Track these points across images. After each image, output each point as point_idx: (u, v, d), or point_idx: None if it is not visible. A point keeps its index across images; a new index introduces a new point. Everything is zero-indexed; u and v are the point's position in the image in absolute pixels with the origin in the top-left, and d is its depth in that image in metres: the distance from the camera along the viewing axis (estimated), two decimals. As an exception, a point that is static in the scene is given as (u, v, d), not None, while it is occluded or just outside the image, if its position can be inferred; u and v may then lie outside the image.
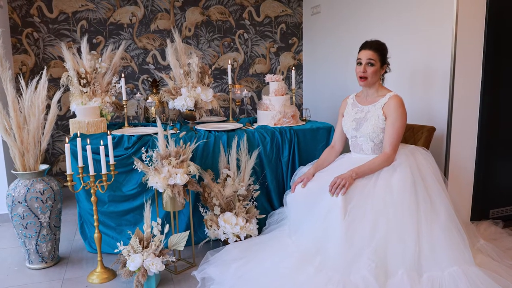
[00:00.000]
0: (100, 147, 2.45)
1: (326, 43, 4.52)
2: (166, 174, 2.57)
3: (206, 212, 2.91)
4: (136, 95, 3.28)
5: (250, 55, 4.84)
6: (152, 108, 3.42)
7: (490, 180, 3.21)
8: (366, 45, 2.55)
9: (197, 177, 2.76)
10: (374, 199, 2.31)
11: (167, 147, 2.70)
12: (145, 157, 2.68)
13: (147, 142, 2.86)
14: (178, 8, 4.49)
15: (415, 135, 2.84)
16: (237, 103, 3.62)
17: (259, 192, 2.97)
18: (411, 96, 3.19)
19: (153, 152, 2.68)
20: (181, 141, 2.77)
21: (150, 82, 3.48)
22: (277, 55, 4.95)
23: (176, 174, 2.58)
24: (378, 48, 2.53)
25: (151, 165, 2.67)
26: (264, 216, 2.94)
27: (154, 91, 3.50)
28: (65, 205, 3.94)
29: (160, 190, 2.59)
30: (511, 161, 3.29)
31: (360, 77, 2.52)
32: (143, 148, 2.72)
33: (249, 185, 2.96)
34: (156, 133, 2.80)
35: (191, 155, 2.72)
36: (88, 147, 2.44)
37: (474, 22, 2.91)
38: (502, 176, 3.26)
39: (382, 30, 3.53)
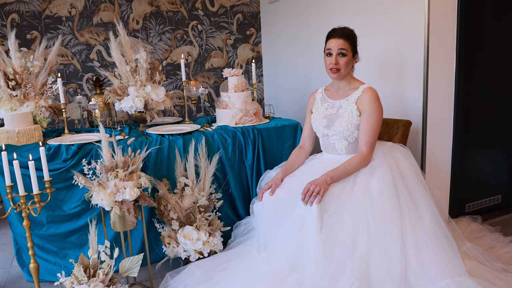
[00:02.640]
0: (29, 162, 2.05)
1: (286, 33, 4.23)
2: (112, 189, 2.21)
3: (163, 227, 2.57)
4: (77, 97, 2.87)
5: (206, 48, 4.48)
6: (97, 111, 3.01)
7: (465, 173, 3.05)
8: (335, 33, 2.27)
9: (149, 189, 2.40)
10: (352, 206, 2.05)
11: (113, 156, 2.33)
12: (88, 170, 2.30)
13: (90, 151, 2.47)
14: (123, -2, 4.07)
15: (390, 130, 2.61)
16: (193, 101, 3.27)
17: (222, 201, 2.65)
18: (383, 88, 2.94)
19: (97, 163, 2.31)
20: (129, 148, 2.40)
21: (92, 82, 3.08)
22: (234, 47, 4.61)
23: (125, 189, 2.22)
24: (349, 36, 2.26)
25: (95, 179, 2.30)
26: (229, 228, 2.63)
27: (98, 91, 3.09)
28: (1, 225, 3.47)
29: (107, 208, 2.22)
30: (484, 152, 3.14)
31: (331, 69, 2.24)
32: (84, 160, 2.32)
33: (211, 193, 2.64)
34: (100, 141, 2.42)
35: (141, 165, 2.36)
36: (16, 162, 2.03)
37: (447, 6, 2.70)
38: (476, 167, 3.11)
39: (346, 15, 3.27)
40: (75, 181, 2.25)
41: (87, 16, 3.97)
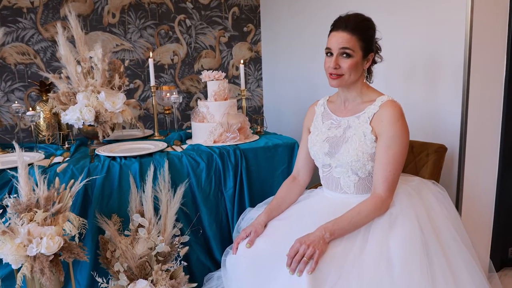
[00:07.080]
0: None
1: (289, 29, 3.57)
2: (23, 239, 1.57)
3: (108, 281, 1.92)
4: (13, 105, 2.26)
5: (195, 46, 3.84)
6: (41, 122, 2.40)
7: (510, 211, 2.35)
8: (339, 24, 1.60)
9: (76, 239, 1.74)
10: (362, 279, 1.37)
11: (34, 190, 1.70)
12: (-3, 208, 1.67)
13: (10, 181, 1.84)
14: (96, -13, 3.46)
15: (416, 158, 1.92)
16: (167, 111, 2.64)
17: (187, 248, 1.99)
18: (408, 100, 2.26)
19: (12, 199, 1.68)
20: (57, 179, 1.76)
21: (37, 86, 2.46)
22: (229, 46, 3.96)
23: (41, 238, 1.58)
24: (358, 28, 1.58)
25: (6, 222, 1.67)
26: (195, 285, 1.97)
27: (44, 97, 2.47)
28: None
29: (14, 266, 1.59)
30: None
31: (330, 75, 1.58)
32: (-11, 195, 1.69)
33: (175, 236, 1.99)
34: (30, 165, 1.81)
35: (71, 203, 1.72)
36: None
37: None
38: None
39: (364, 6, 2.58)
40: (-25, 225, 1.62)
41: (53, 7, 3.36)
